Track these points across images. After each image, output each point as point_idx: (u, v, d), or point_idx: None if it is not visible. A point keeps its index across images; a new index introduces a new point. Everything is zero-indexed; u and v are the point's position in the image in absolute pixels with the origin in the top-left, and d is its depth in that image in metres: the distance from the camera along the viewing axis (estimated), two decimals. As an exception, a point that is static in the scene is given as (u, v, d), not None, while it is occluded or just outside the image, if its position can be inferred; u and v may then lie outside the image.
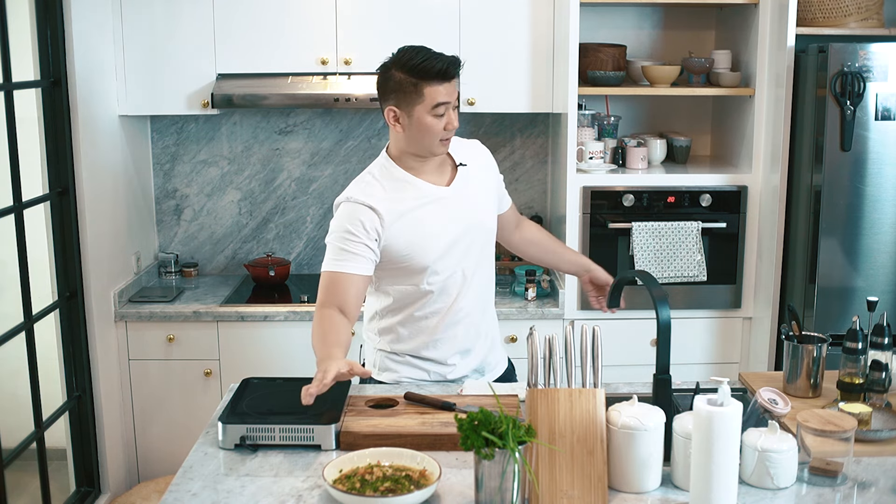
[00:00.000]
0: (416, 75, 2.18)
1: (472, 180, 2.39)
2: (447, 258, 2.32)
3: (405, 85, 2.20)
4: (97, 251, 3.35)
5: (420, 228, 2.28)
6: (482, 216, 2.40)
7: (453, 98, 2.23)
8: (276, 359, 3.48)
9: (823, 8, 3.32)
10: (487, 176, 2.46)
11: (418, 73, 2.18)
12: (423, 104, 2.20)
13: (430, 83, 2.18)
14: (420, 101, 2.20)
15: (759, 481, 1.83)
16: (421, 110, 2.21)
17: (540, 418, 1.85)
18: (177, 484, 1.89)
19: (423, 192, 2.31)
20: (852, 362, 2.22)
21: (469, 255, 2.36)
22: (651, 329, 3.28)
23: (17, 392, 3.36)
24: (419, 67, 2.17)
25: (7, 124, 2.95)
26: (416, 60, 2.18)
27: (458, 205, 2.34)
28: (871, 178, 3.13)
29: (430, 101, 2.19)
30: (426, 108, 2.20)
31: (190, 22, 3.51)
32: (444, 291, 2.35)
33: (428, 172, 2.34)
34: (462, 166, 2.38)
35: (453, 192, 2.34)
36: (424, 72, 2.17)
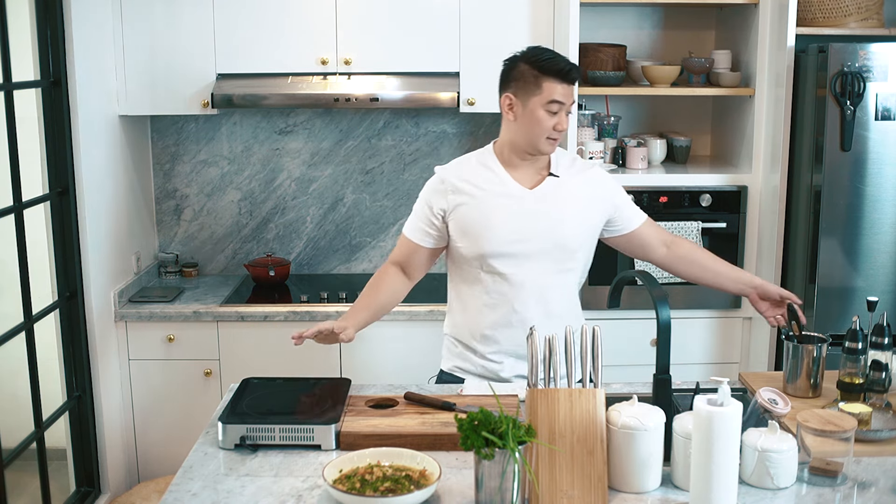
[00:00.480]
0: (539, 69, 2.28)
1: (562, 193, 2.39)
2: (507, 257, 2.36)
3: (527, 76, 2.30)
4: (97, 251, 3.35)
5: (485, 216, 2.36)
6: (560, 227, 2.37)
7: (569, 101, 2.31)
8: (276, 359, 3.48)
9: (823, 8, 3.32)
10: (589, 196, 2.43)
11: (542, 67, 2.28)
12: (539, 97, 2.29)
13: (550, 79, 2.28)
14: (538, 93, 2.29)
15: (759, 481, 1.83)
16: (536, 102, 2.29)
17: (540, 418, 1.85)
18: (177, 484, 1.89)
19: (503, 185, 2.38)
20: (852, 362, 2.22)
21: (534, 262, 2.37)
22: (651, 329, 3.28)
23: (17, 392, 3.36)
24: (544, 62, 2.29)
25: (7, 124, 2.95)
26: (543, 57, 2.30)
27: (533, 209, 2.37)
28: (871, 178, 3.13)
29: (547, 95, 2.28)
30: (541, 101, 2.29)
31: (190, 22, 3.51)
32: (498, 288, 2.39)
33: (519, 171, 2.40)
34: (553, 176, 2.40)
35: (532, 196, 2.38)
36: (548, 68, 2.28)
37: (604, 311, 3.42)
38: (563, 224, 2.38)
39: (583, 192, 2.42)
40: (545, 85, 2.28)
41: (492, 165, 2.40)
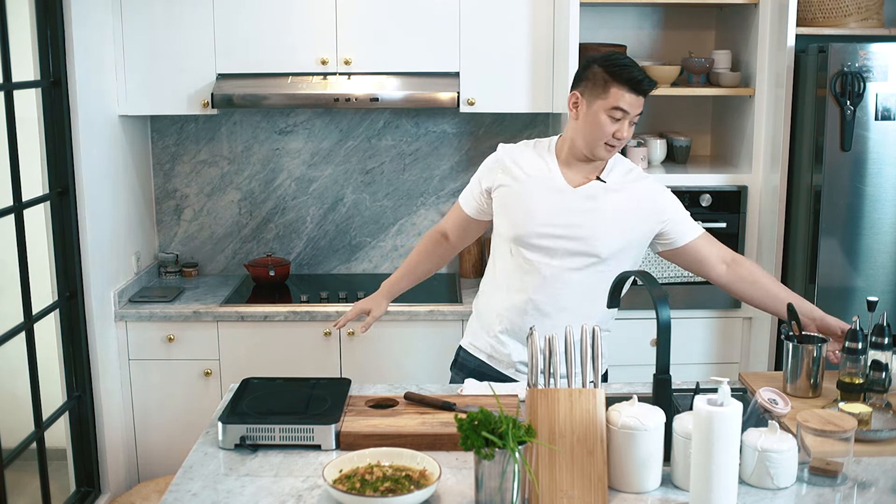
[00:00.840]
0: (610, 74, 2.28)
1: (606, 199, 2.38)
2: (536, 247, 2.39)
3: (597, 78, 2.31)
4: (97, 251, 3.35)
5: (524, 201, 2.41)
6: (594, 232, 2.36)
7: (634, 112, 2.30)
8: (276, 359, 3.48)
9: (823, 8, 3.32)
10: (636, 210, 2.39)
11: (613, 73, 2.28)
12: (604, 101, 2.29)
13: (619, 86, 2.28)
14: (604, 97, 2.29)
15: (759, 481, 1.83)
16: (600, 106, 2.30)
17: (540, 418, 1.85)
18: (177, 484, 1.89)
19: (550, 178, 2.41)
20: (852, 362, 2.22)
21: (561, 259, 2.37)
22: (651, 329, 3.28)
23: (17, 392, 3.36)
24: (617, 68, 2.29)
25: (7, 124, 2.95)
26: (618, 62, 2.30)
27: (571, 207, 2.37)
28: (871, 178, 3.13)
29: (613, 101, 2.28)
30: (605, 105, 2.29)
31: (190, 22, 3.51)
32: (523, 274, 2.42)
33: (571, 170, 2.42)
34: (600, 181, 2.40)
35: (574, 195, 2.38)
36: (619, 74, 2.28)
37: (604, 311, 3.43)
38: (596, 230, 2.36)
39: (629, 204, 2.39)
40: (613, 90, 2.28)
41: (546, 157, 2.43)
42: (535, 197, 2.39)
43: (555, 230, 2.37)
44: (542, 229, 2.37)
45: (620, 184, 2.41)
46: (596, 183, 2.39)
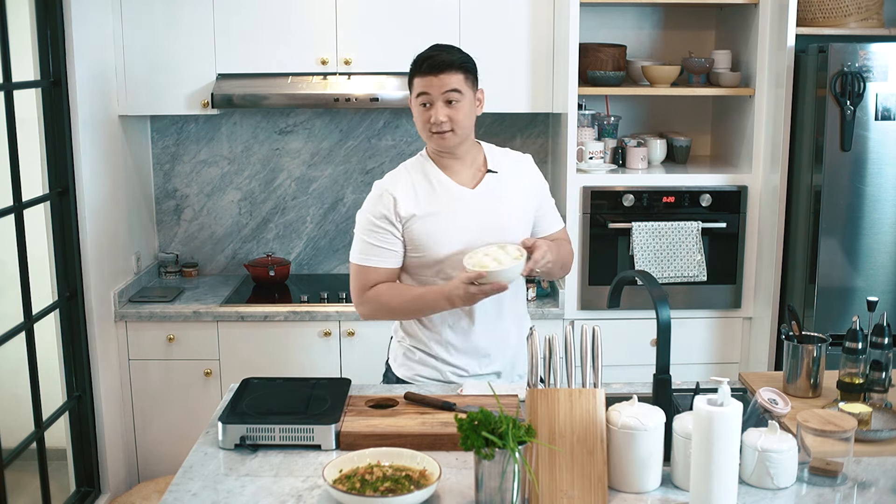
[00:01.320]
0: (413, 62, 2.35)
1: (503, 188, 2.40)
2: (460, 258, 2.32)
3: (410, 72, 2.36)
4: (97, 251, 3.35)
5: (437, 223, 2.34)
6: (507, 222, 2.37)
7: (435, 92, 2.28)
8: (276, 359, 3.48)
9: (823, 8, 3.32)
10: (525, 189, 2.44)
11: (412, 63, 2.35)
12: (413, 92, 2.34)
13: (416, 73, 2.32)
14: (412, 89, 2.34)
15: (759, 481, 1.83)
16: (412, 98, 2.35)
17: (540, 418, 1.85)
18: (177, 484, 1.89)
19: (447, 190, 2.37)
20: (852, 362, 2.22)
21: None
22: (651, 329, 3.29)
23: (17, 392, 3.36)
24: (414, 59, 2.34)
25: (7, 124, 2.95)
26: (419, 53, 2.34)
27: (479, 208, 2.36)
28: (871, 178, 3.13)
29: (415, 89, 2.33)
30: (413, 96, 2.34)
31: (190, 22, 3.51)
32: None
33: (458, 172, 2.39)
34: (492, 173, 2.40)
35: (476, 196, 2.37)
36: (414, 62, 2.34)
37: (604, 311, 3.44)
38: (507, 220, 2.38)
39: (520, 184, 2.43)
40: (415, 80, 2.33)
41: (430, 172, 2.39)
42: (445, 215, 2.34)
43: (474, 235, 2.33)
44: (465, 238, 2.33)
45: (506, 168, 2.43)
46: (489, 176, 2.40)
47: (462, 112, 2.30)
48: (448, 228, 2.34)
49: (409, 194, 2.35)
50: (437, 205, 2.35)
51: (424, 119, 2.32)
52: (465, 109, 2.31)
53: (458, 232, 2.34)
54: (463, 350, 2.43)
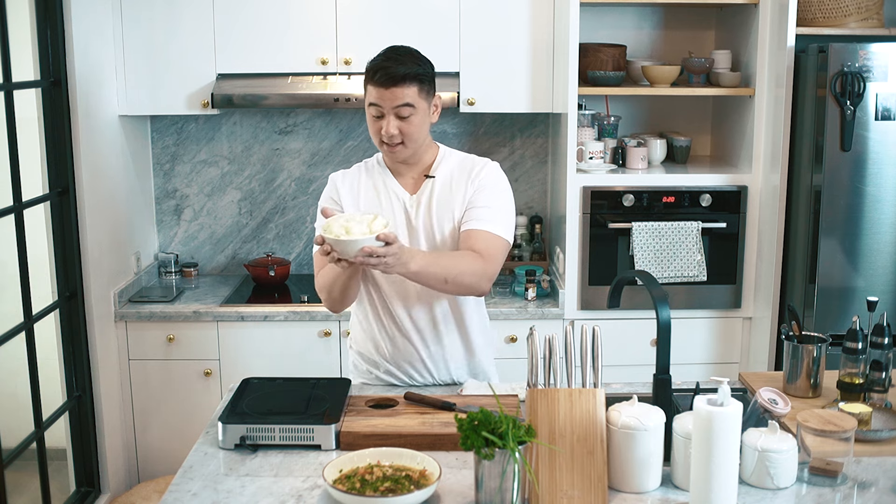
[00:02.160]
0: (367, 68, 2.26)
1: (440, 193, 2.33)
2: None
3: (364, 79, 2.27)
4: (97, 251, 3.35)
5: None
6: (436, 228, 2.31)
7: (387, 105, 2.21)
8: (276, 359, 3.48)
9: (823, 8, 3.32)
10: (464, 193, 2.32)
11: (366, 69, 2.26)
12: (366, 99, 2.27)
13: (368, 82, 2.25)
14: (366, 95, 2.27)
15: (759, 481, 1.83)
16: (366, 105, 2.28)
17: (540, 418, 1.85)
18: (177, 484, 1.89)
19: (388, 192, 2.35)
20: (852, 362, 2.22)
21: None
22: (651, 329, 3.29)
23: (17, 392, 3.36)
24: (368, 65, 2.26)
25: (7, 124, 2.95)
26: (377, 56, 2.26)
27: (414, 213, 2.33)
28: (871, 178, 3.13)
29: (368, 98, 2.26)
30: (366, 103, 2.28)
31: (190, 22, 3.51)
32: (388, 295, 2.35)
33: (404, 176, 2.37)
34: (429, 178, 2.35)
35: (413, 201, 2.33)
36: (367, 70, 2.25)
37: (604, 311, 3.44)
38: (438, 225, 2.31)
39: (459, 188, 2.32)
40: (368, 88, 2.25)
41: (379, 173, 2.37)
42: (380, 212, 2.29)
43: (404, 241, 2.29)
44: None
45: (450, 175, 2.34)
46: (427, 181, 2.34)
47: (414, 125, 2.23)
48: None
49: (353, 192, 2.35)
50: (374, 208, 2.32)
51: (375, 129, 2.26)
52: (417, 122, 2.23)
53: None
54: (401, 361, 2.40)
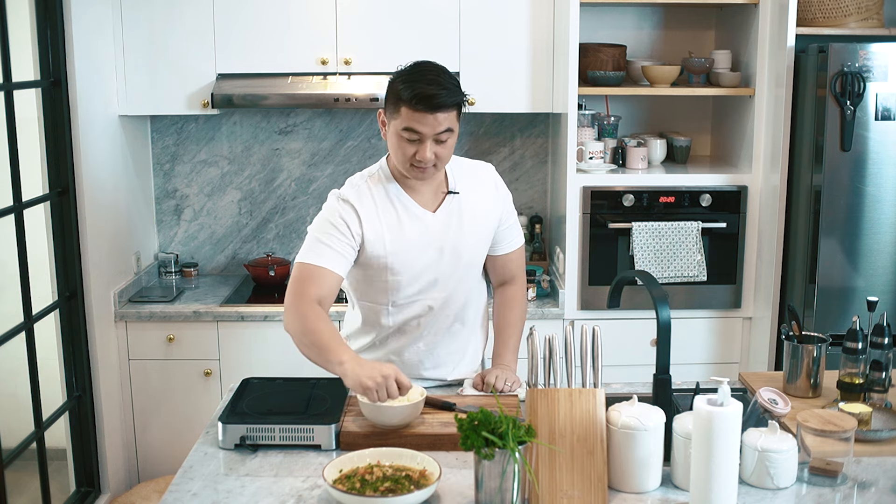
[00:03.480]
0: (401, 90, 2.11)
1: (463, 209, 2.30)
2: (418, 281, 2.28)
3: (392, 95, 2.15)
4: (97, 251, 3.35)
5: (396, 245, 2.24)
6: (462, 247, 2.30)
7: (429, 132, 2.11)
8: (276, 359, 3.47)
9: (823, 8, 3.32)
10: (488, 207, 2.34)
11: (402, 89, 2.11)
12: (397, 121, 2.14)
13: (406, 104, 2.10)
14: (397, 117, 2.14)
15: (759, 481, 1.83)
16: (395, 126, 2.15)
17: (540, 418, 1.85)
18: (177, 484, 1.89)
19: (408, 212, 2.26)
20: (852, 362, 2.22)
21: (443, 283, 2.31)
22: (651, 329, 3.29)
23: (17, 392, 3.36)
24: (407, 84, 2.11)
25: (7, 124, 2.95)
26: (411, 77, 2.13)
27: (439, 232, 2.27)
28: (871, 178, 3.13)
29: (402, 122, 2.12)
30: (398, 126, 2.14)
31: (190, 22, 3.51)
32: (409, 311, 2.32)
33: (420, 193, 2.28)
34: (453, 194, 2.30)
35: (436, 220, 2.28)
36: (407, 90, 2.10)
37: (604, 311, 3.44)
38: (465, 242, 2.30)
39: (482, 202, 2.33)
40: (403, 110, 2.11)
41: (392, 190, 2.26)
42: (403, 237, 2.24)
43: (430, 261, 2.27)
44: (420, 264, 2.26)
45: (467, 187, 2.32)
46: (450, 197, 2.29)
47: (448, 147, 2.18)
48: (408, 250, 2.24)
49: (371, 212, 2.23)
50: (396, 227, 2.24)
51: (408, 153, 2.15)
52: (451, 144, 2.18)
53: (416, 255, 2.25)
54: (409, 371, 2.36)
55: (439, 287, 2.31)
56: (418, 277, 2.28)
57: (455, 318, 2.38)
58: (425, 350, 2.38)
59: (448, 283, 2.32)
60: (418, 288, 2.29)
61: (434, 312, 2.34)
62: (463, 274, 2.34)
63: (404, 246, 2.25)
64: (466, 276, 2.36)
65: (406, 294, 2.30)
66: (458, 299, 2.36)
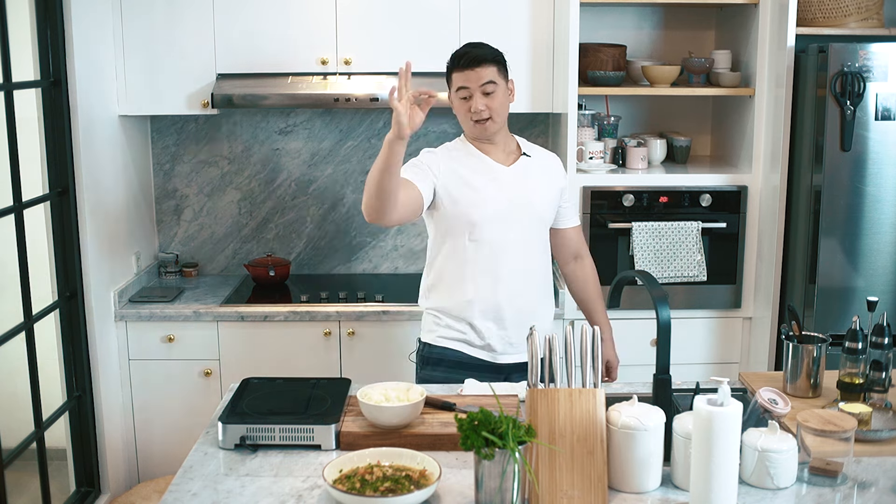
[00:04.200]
0: (449, 63, 2.58)
1: (534, 170, 2.65)
2: (492, 223, 2.56)
3: (447, 70, 2.59)
4: (97, 251, 3.35)
5: (472, 189, 2.55)
6: (534, 198, 2.62)
7: (473, 85, 2.51)
8: (276, 359, 3.48)
9: (823, 8, 3.32)
10: (551, 178, 2.69)
11: (449, 61, 2.58)
12: (452, 88, 2.59)
13: (453, 70, 2.56)
14: (451, 85, 2.59)
15: (759, 481, 1.83)
16: (452, 93, 2.60)
17: (540, 418, 1.85)
18: (177, 484, 1.89)
19: (484, 164, 2.60)
20: (852, 362, 2.22)
21: (514, 228, 2.59)
22: (651, 329, 3.28)
23: (17, 392, 3.36)
24: (451, 56, 2.57)
25: (7, 124, 2.95)
26: (453, 54, 2.57)
27: (512, 182, 2.59)
28: (871, 178, 3.13)
29: (455, 84, 2.57)
30: (453, 90, 2.58)
31: (190, 22, 3.51)
32: (484, 252, 2.58)
33: (494, 153, 2.63)
34: (525, 156, 2.66)
35: (511, 172, 2.61)
36: (452, 59, 2.57)
37: (604, 311, 3.43)
38: (535, 198, 2.63)
39: (548, 172, 2.70)
40: (453, 76, 2.56)
41: (469, 150, 2.63)
42: (481, 183, 2.57)
43: (506, 205, 2.57)
44: (496, 206, 2.56)
45: (538, 158, 2.70)
46: (523, 158, 2.65)
47: (498, 100, 2.54)
48: (482, 194, 2.55)
49: (450, 159, 2.59)
50: (473, 173, 2.57)
51: (465, 109, 2.55)
52: (500, 98, 2.54)
53: (491, 199, 2.55)
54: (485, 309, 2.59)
55: (512, 237, 2.58)
56: (493, 219, 2.56)
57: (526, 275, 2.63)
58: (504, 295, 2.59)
59: (521, 234, 2.60)
60: (493, 233, 2.56)
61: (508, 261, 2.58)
62: (534, 228, 2.64)
63: (480, 185, 2.56)
64: (537, 231, 2.66)
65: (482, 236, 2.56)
66: (529, 254, 2.63)
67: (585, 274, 2.83)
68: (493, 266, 2.58)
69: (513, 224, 2.59)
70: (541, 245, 2.68)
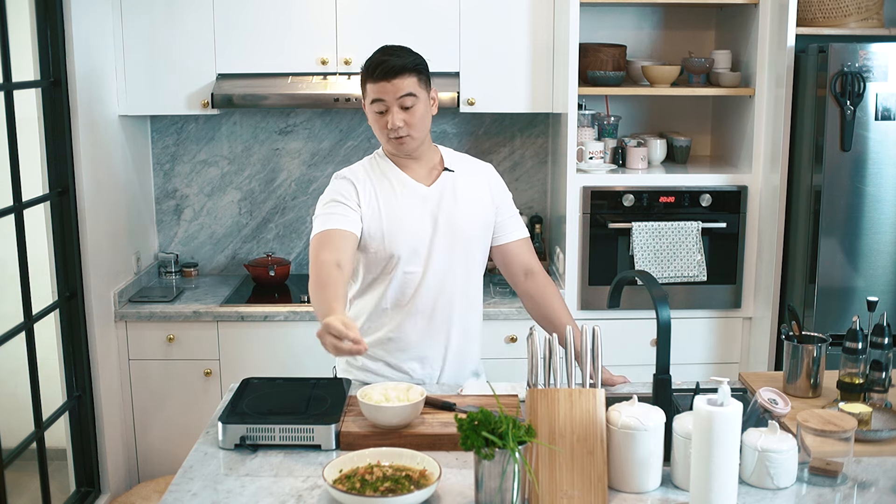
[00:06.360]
0: (362, 72, 2.33)
1: (459, 187, 2.39)
2: (415, 254, 2.33)
3: (361, 77, 2.34)
4: (97, 251, 3.35)
5: (392, 216, 2.32)
6: (462, 222, 2.37)
7: (390, 98, 2.26)
8: (276, 359, 3.48)
9: (823, 8, 3.32)
10: (480, 194, 2.42)
11: (363, 69, 2.32)
12: (367, 98, 2.32)
13: (368, 79, 2.30)
14: (366, 95, 2.33)
15: (759, 481, 1.83)
16: (367, 105, 2.33)
17: (540, 418, 1.85)
18: (177, 484, 1.89)
19: (403, 185, 2.36)
20: (852, 362, 2.22)
21: (438, 256, 2.35)
22: (651, 329, 3.28)
23: (17, 392, 3.36)
24: (365, 64, 2.31)
25: (7, 124, 2.95)
26: (370, 58, 2.31)
27: (436, 205, 2.36)
28: (871, 178, 3.13)
29: (369, 96, 2.30)
30: (367, 102, 2.32)
31: (190, 22, 3.51)
32: (405, 285, 2.36)
33: (414, 171, 2.39)
34: (448, 171, 2.41)
35: (432, 193, 2.37)
36: (365, 68, 2.31)
37: (604, 311, 3.44)
38: (461, 218, 2.37)
39: (476, 187, 2.42)
40: (367, 87, 2.31)
41: (387, 168, 2.38)
42: (401, 208, 2.33)
43: (429, 231, 2.34)
44: (419, 233, 2.33)
45: (466, 171, 2.44)
46: (445, 174, 2.40)
47: (417, 115, 2.29)
48: (403, 223, 2.32)
49: (368, 188, 2.34)
50: (392, 200, 2.34)
51: (381, 125, 2.30)
52: (420, 112, 2.29)
53: (413, 227, 2.33)
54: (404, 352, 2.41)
55: (435, 261, 2.35)
56: (416, 250, 2.33)
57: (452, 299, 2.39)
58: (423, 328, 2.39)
59: (445, 257, 2.36)
60: (415, 261, 2.34)
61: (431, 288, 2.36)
62: (460, 250, 2.38)
63: (400, 215, 2.33)
64: (463, 254, 2.39)
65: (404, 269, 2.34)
66: (455, 278, 2.38)
67: (541, 289, 2.48)
68: (411, 300, 2.36)
69: (436, 252, 2.34)
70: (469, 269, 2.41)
